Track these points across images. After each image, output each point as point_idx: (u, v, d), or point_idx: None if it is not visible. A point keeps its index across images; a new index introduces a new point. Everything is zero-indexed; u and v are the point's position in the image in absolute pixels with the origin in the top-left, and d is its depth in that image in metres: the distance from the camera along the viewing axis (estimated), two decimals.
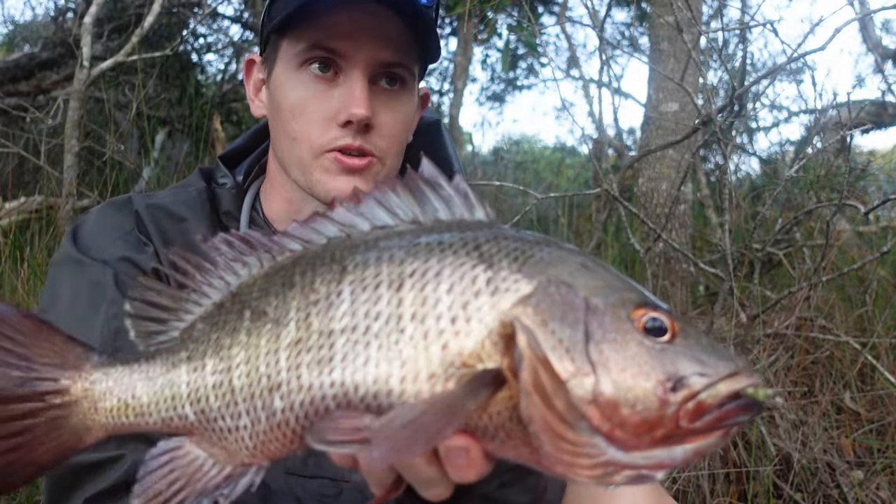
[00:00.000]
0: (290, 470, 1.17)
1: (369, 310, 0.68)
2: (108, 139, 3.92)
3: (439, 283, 0.67)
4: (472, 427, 0.66)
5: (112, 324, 1.10)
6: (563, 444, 0.62)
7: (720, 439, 0.63)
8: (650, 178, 3.62)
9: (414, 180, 0.73)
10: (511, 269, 0.67)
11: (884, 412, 2.71)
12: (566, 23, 5.35)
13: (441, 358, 0.65)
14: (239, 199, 1.28)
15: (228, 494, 0.72)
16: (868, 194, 4.71)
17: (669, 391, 0.62)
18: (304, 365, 0.69)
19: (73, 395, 0.74)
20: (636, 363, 0.63)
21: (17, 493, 2.09)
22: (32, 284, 2.81)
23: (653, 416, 0.62)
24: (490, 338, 0.65)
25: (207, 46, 6.79)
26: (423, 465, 0.67)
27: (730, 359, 0.65)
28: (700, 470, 2.45)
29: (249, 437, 0.71)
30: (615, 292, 0.66)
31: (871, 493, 2.46)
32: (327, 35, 1.12)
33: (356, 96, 1.11)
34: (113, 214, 1.21)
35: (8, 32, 6.86)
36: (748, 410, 0.63)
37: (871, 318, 3.07)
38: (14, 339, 0.74)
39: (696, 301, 3.57)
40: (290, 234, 0.75)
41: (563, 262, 0.68)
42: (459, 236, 0.70)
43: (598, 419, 0.61)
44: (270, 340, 0.71)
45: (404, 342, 0.66)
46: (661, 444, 0.62)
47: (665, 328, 0.65)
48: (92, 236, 1.18)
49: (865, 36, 5.81)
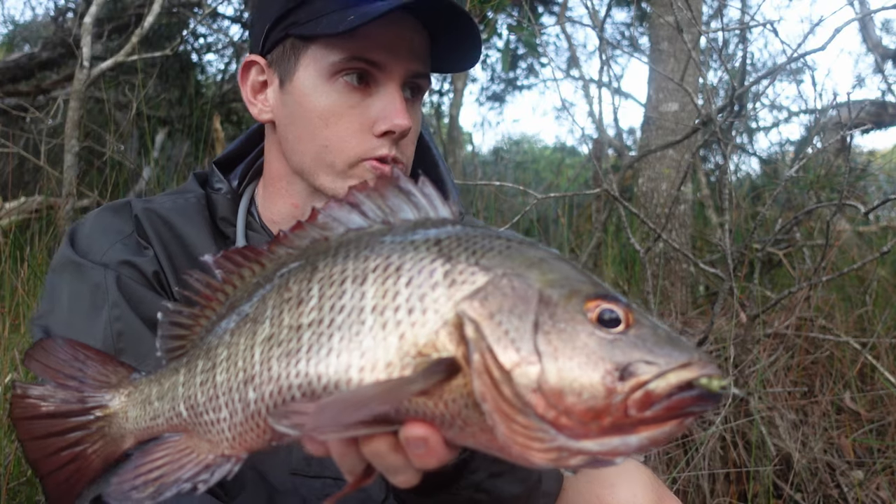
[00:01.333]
0: (295, 470, 1.18)
1: (335, 304, 0.72)
2: (108, 139, 3.92)
3: (399, 277, 0.70)
4: (430, 416, 0.68)
5: (115, 326, 1.10)
6: (516, 427, 0.64)
7: (675, 428, 0.64)
8: (650, 178, 3.62)
9: (384, 184, 0.77)
10: (468, 262, 0.70)
11: (884, 412, 2.71)
12: (566, 23, 5.36)
13: (398, 347, 0.68)
14: (235, 203, 1.28)
15: (207, 481, 0.78)
16: (868, 194, 4.71)
17: (617, 380, 0.63)
18: (274, 358, 0.74)
19: (112, 408, 0.85)
20: (584, 353, 0.64)
21: (16, 494, 2.09)
22: (32, 284, 2.81)
23: (599, 404, 0.63)
24: (445, 328, 0.68)
25: (207, 46, 6.80)
26: (388, 453, 0.70)
27: (684, 349, 0.66)
28: (700, 470, 2.45)
29: (229, 429, 0.77)
30: (570, 285, 0.68)
31: (871, 493, 2.46)
32: (369, 47, 1.13)
33: (398, 108, 1.14)
34: (111, 218, 1.21)
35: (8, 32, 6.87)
36: (702, 401, 0.64)
37: (871, 318, 3.07)
38: (66, 363, 0.85)
39: (696, 301, 3.57)
40: (278, 241, 0.80)
41: (521, 255, 0.71)
42: (423, 233, 0.73)
43: (542, 407, 0.63)
44: (248, 337, 0.77)
45: (364, 333, 0.70)
46: (613, 432, 0.64)
47: (619, 319, 0.66)
48: (91, 240, 1.18)
49: (865, 36, 5.81)
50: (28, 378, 2.35)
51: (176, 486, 0.78)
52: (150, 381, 0.85)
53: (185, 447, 0.81)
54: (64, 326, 1.12)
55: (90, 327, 1.11)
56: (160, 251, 1.19)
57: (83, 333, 1.10)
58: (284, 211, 1.26)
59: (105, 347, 1.09)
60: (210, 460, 0.79)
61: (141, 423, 0.84)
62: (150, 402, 0.83)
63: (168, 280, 1.18)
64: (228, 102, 6.14)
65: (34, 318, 1.16)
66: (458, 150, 6.07)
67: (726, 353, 2.66)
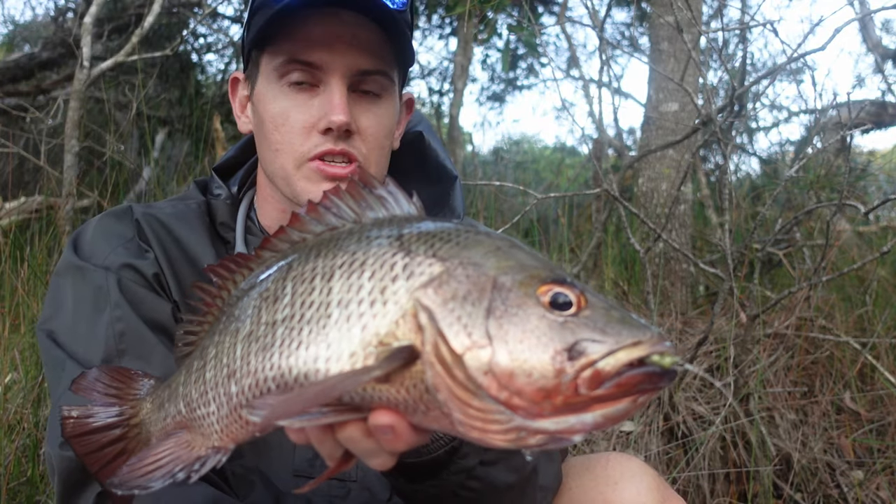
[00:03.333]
0: (298, 471, 1.19)
1: (305, 299, 0.76)
2: (108, 139, 3.91)
3: (363, 272, 0.74)
4: (394, 402, 0.71)
5: (116, 326, 1.13)
6: (472, 411, 0.67)
7: (630, 405, 0.66)
8: (650, 178, 3.62)
9: (354, 186, 0.82)
10: (426, 254, 0.73)
11: (884, 412, 2.71)
12: (566, 23, 5.35)
13: (361, 338, 0.72)
14: (234, 209, 1.31)
15: (198, 471, 0.84)
16: (868, 194, 4.71)
17: (566, 360, 0.65)
18: (252, 353, 0.79)
19: (141, 416, 0.94)
20: (534, 335, 0.67)
21: (17, 493, 2.09)
22: (32, 284, 2.81)
23: (549, 384, 0.65)
24: (404, 318, 0.71)
25: (207, 46, 6.79)
26: (361, 439, 0.74)
27: (636, 328, 0.68)
28: (700, 470, 2.45)
29: (217, 422, 0.83)
30: (524, 271, 0.71)
31: (871, 493, 2.46)
32: (304, 47, 1.14)
33: (335, 104, 1.14)
34: (113, 223, 1.24)
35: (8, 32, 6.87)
36: (654, 378, 0.66)
37: (871, 318, 3.07)
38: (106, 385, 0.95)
39: (696, 301, 3.57)
40: (264, 246, 0.86)
41: (478, 245, 0.74)
42: (387, 230, 0.77)
43: (495, 388, 0.66)
44: (232, 336, 0.82)
45: (330, 326, 0.74)
46: (567, 411, 0.66)
47: (571, 303, 0.68)
48: (93, 244, 1.21)
49: (865, 36, 5.81)
50: (28, 377, 2.36)
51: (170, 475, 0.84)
52: (164, 387, 0.92)
53: (183, 441, 0.87)
54: (68, 329, 1.15)
55: (93, 328, 1.13)
56: (160, 254, 1.21)
57: (87, 335, 1.13)
58: (274, 216, 1.29)
59: (107, 348, 1.12)
60: (202, 452, 0.85)
61: (158, 425, 0.91)
62: (163, 405, 0.91)
63: (168, 282, 1.21)
64: (228, 102, 6.12)
65: (39, 323, 1.19)
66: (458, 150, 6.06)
67: (726, 353, 2.66)
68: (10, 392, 2.32)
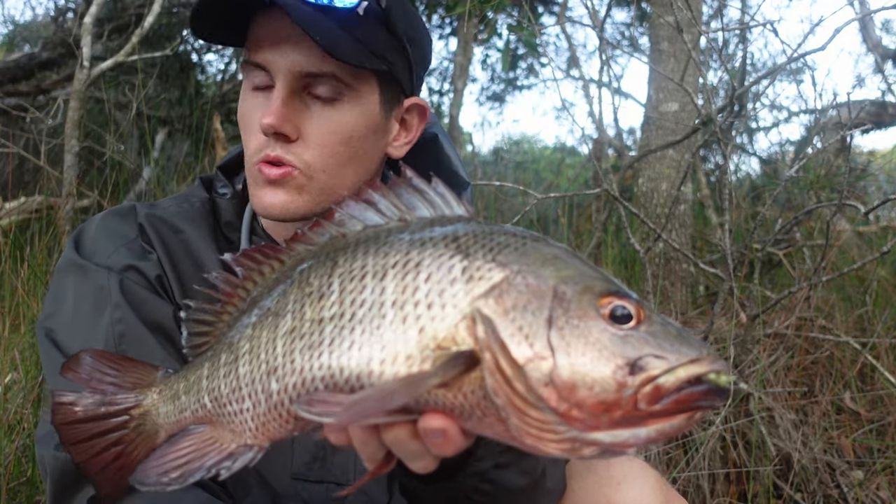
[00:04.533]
0: (297, 475, 1.19)
1: (355, 298, 0.75)
2: (108, 139, 3.91)
3: (419, 273, 0.73)
4: (448, 407, 0.70)
5: (116, 328, 1.11)
6: (529, 420, 0.66)
7: (685, 422, 0.66)
8: (650, 178, 3.62)
9: (399, 184, 0.80)
10: (486, 258, 0.72)
11: (884, 412, 2.71)
12: (566, 23, 5.35)
13: (417, 341, 0.70)
14: (239, 207, 1.28)
15: (229, 468, 0.82)
16: (868, 194, 4.71)
17: (628, 375, 0.66)
18: (296, 350, 0.76)
19: (145, 407, 0.90)
20: (596, 348, 0.67)
21: (17, 494, 2.09)
22: (32, 284, 2.81)
23: (610, 398, 0.65)
24: (464, 322, 0.70)
25: (207, 46, 6.79)
26: (408, 441, 0.72)
27: (694, 346, 0.68)
28: (700, 470, 2.45)
29: (252, 419, 0.80)
30: (584, 281, 0.70)
31: (871, 493, 2.46)
32: (254, 48, 1.12)
33: (269, 107, 1.09)
34: (116, 222, 1.22)
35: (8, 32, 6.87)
36: (710, 395, 0.66)
37: (871, 318, 3.07)
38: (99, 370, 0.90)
39: (696, 301, 3.57)
40: (297, 239, 0.83)
41: (537, 252, 0.73)
42: (440, 231, 0.76)
43: (555, 400, 0.65)
44: (270, 331, 0.80)
45: (385, 327, 0.72)
46: (623, 425, 0.66)
47: (630, 316, 0.68)
48: (95, 243, 1.19)
49: (865, 36, 5.81)
50: (28, 377, 2.35)
51: (200, 472, 0.82)
52: (178, 378, 0.89)
53: (209, 437, 0.85)
54: (67, 328, 1.14)
55: (93, 329, 1.12)
56: (163, 256, 1.20)
57: (86, 334, 1.12)
58: None
59: (107, 349, 1.10)
60: (233, 449, 0.83)
61: (171, 418, 0.88)
62: (178, 397, 0.87)
63: (171, 284, 1.19)
64: (228, 102, 6.13)
65: (39, 321, 1.18)
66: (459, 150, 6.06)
67: (726, 353, 2.66)
68: (10, 392, 2.31)
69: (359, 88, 1.12)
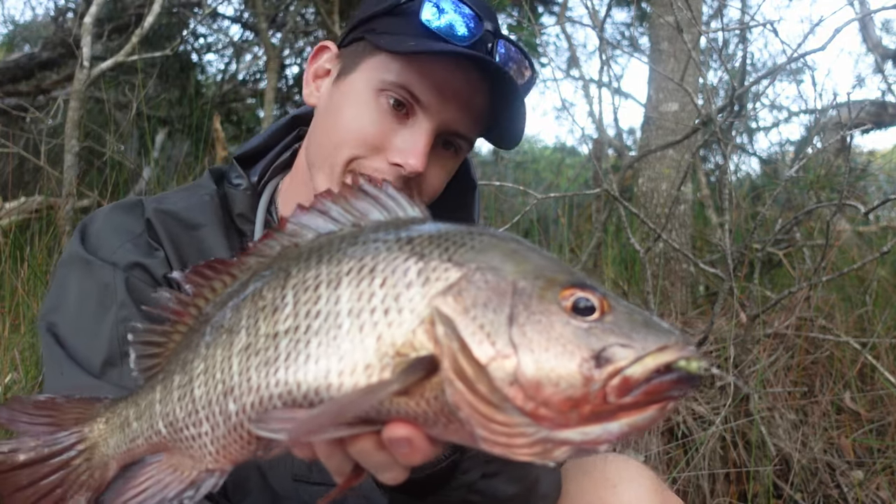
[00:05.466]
0: (297, 476, 1.18)
1: (310, 309, 0.71)
2: (108, 139, 3.91)
3: (374, 279, 0.70)
4: (412, 415, 0.68)
5: (121, 328, 1.09)
6: (496, 426, 0.64)
7: (657, 413, 0.64)
8: (650, 178, 3.62)
9: (350, 190, 0.77)
10: (441, 259, 0.69)
11: (884, 412, 2.71)
12: (566, 23, 5.36)
13: (376, 349, 0.68)
14: (254, 199, 1.26)
15: (192, 497, 0.78)
16: (868, 194, 4.71)
17: (594, 368, 0.63)
18: (252, 368, 0.73)
19: (92, 439, 0.84)
20: (560, 342, 0.64)
21: None
22: (32, 284, 2.81)
23: (577, 393, 0.63)
24: (422, 326, 0.67)
25: (207, 46, 6.80)
26: (374, 452, 0.70)
27: (662, 333, 0.65)
28: (700, 470, 2.45)
29: (211, 443, 0.76)
30: (544, 275, 0.68)
31: (871, 493, 2.46)
32: (421, 83, 1.12)
33: (418, 150, 1.12)
34: (122, 216, 1.20)
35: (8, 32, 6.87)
36: (682, 383, 0.64)
37: (871, 318, 3.07)
38: (38, 415, 0.85)
39: (696, 301, 3.57)
40: (248, 252, 0.80)
41: (495, 248, 0.70)
42: (394, 234, 0.73)
43: (521, 399, 0.63)
44: (224, 349, 0.76)
45: (342, 337, 0.69)
46: (593, 420, 0.63)
47: (594, 307, 0.66)
48: (101, 237, 1.17)
49: (865, 36, 5.81)
50: (28, 377, 2.35)
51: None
52: (127, 404, 0.83)
53: (167, 466, 0.80)
54: (71, 324, 1.12)
55: (97, 326, 1.10)
56: (171, 252, 1.17)
57: (90, 333, 1.10)
58: None
59: (111, 348, 1.08)
60: (195, 476, 0.79)
61: (122, 447, 0.83)
62: (129, 424, 0.82)
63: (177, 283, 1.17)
64: (228, 102, 6.14)
65: (41, 315, 1.15)
66: None
67: (726, 353, 2.66)
68: (11, 392, 2.31)
69: (469, 148, 1.22)
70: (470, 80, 1.13)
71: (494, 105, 1.17)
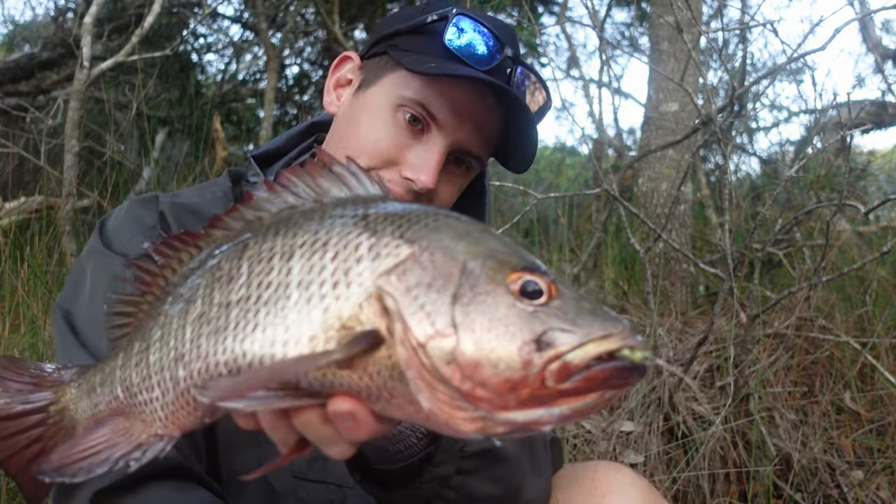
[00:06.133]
0: (297, 474, 1.19)
1: (262, 280, 0.73)
2: (108, 139, 3.91)
3: (326, 252, 0.70)
4: (356, 389, 0.68)
5: None
6: (440, 396, 0.64)
7: (598, 400, 0.64)
8: (650, 178, 3.62)
9: (315, 167, 0.78)
10: (393, 235, 0.70)
11: (884, 412, 2.71)
12: (566, 23, 5.36)
13: (322, 321, 0.68)
14: None
15: (138, 459, 0.80)
16: (868, 194, 4.71)
17: (534, 351, 0.63)
18: (203, 336, 0.74)
19: (63, 403, 0.88)
20: (502, 324, 0.64)
21: (17, 494, 2.09)
22: (32, 284, 2.81)
23: (516, 375, 0.62)
24: (368, 301, 0.67)
25: (207, 46, 6.80)
26: (319, 426, 0.70)
27: (607, 321, 0.65)
28: (700, 470, 2.45)
29: (161, 408, 0.79)
30: (494, 256, 0.68)
31: (871, 493, 2.46)
32: (440, 101, 1.15)
33: (431, 167, 1.15)
34: (138, 210, 1.23)
35: (8, 32, 6.87)
36: (624, 373, 0.63)
37: (871, 318, 3.07)
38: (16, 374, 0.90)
39: (696, 301, 3.57)
40: (214, 224, 0.81)
41: (448, 228, 0.70)
42: (351, 210, 0.74)
43: (458, 379, 0.63)
44: (181, 317, 0.78)
45: (289, 308, 0.70)
46: (533, 404, 0.63)
47: (541, 291, 0.65)
48: (116, 229, 1.21)
49: (865, 36, 5.81)
50: None
51: (106, 464, 0.80)
52: (95, 371, 0.87)
53: (121, 428, 0.83)
54: (84, 314, 1.15)
55: None
56: None
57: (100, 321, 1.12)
58: None
59: None
60: (143, 440, 0.80)
61: (88, 412, 0.86)
62: (94, 390, 0.85)
63: None
64: (228, 102, 6.14)
65: (58, 302, 1.19)
66: None
67: (726, 353, 2.66)
68: None
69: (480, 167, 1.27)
70: (486, 104, 1.17)
71: (507, 129, 1.21)
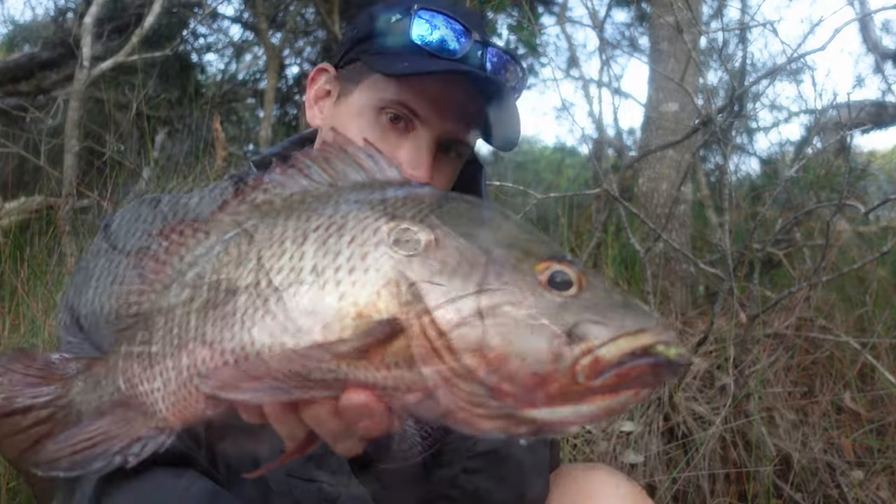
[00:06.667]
0: (292, 472, 1.19)
1: (273, 265, 0.68)
2: (108, 139, 3.91)
3: (342, 236, 0.66)
4: (371, 382, 0.64)
5: None
6: (459, 392, 0.61)
7: (630, 398, 0.60)
8: (650, 178, 3.62)
9: (330, 150, 0.74)
10: (414, 220, 0.66)
11: (884, 412, 2.71)
12: (566, 23, 5.36)
13: (337, 308, 0.64)
14: None
15: (137, 454, 0.76)
16: (868, 194, 4.71)
17: (564, 344, 0.59)
18: (209, 323, 0.70)
19: (70, 396, 0.84)
20: (531, 314, 0.60)
21: (17, 493, 2.09)
22: (32, 284, 2.81)
23: (545, 369, 0.59)
24: (387, 288, 0.63)
25: (207, 46, 6.80)
26: (329, 419, 0.67)
27: (640, 315, 0.62)
28: (700, 470, 2.45)
29: (162, 399, 0.74)
30: (521, 245, 0.65)
31: (871, 493, 2.46)
32: (417, 98, 1.16)
33: (422, 161, 1.16)
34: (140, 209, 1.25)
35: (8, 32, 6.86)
36: (658, 370, 0.60)
37: (871, 318, 3.07)
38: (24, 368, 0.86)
39: (696, 301, 3.57)
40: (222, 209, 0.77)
41: (471, 214, 0.67)
42: (368, 193, 0.70)
43: (483, 371, 0.59)
44: (185, 305, 0.73)
45: (302, 294, 0.65)
46: (561, 401, 0.60)
47: (570, 282, 0.62)
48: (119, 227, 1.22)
49: (865, 36, 5.81)
50: None
51: (104, 458, 0.77)
52: (101, 363, 0.84)
53: (121, 420, 0.79)
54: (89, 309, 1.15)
55: None
56: None
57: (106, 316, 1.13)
58: None
59: None
60: (143, 433, 0.77)
61: (93, 405, 0.82)
62: (99, 383, 0.82)
63: None
64: (228, 102, 6.14)
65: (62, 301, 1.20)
66: None
67: (726, 353, 2.66)
68: None
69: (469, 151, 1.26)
70: (464, 91, 1.17)
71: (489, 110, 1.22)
